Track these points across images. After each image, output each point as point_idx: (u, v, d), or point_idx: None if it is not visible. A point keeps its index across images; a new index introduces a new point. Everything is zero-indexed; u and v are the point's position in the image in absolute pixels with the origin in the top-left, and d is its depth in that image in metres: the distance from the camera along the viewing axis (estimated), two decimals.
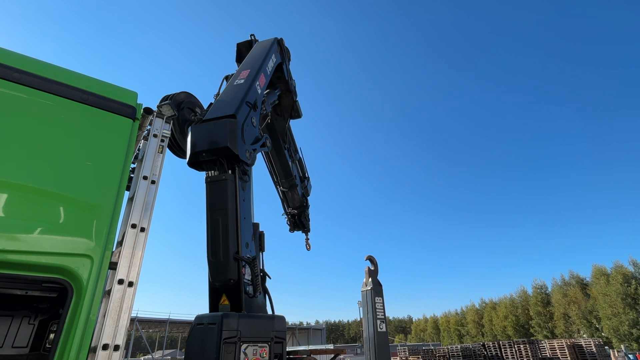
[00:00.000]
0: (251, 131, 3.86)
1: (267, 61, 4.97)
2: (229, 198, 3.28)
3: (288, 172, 6.75)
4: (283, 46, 5.60)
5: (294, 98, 5.91)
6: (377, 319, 5.12)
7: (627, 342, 43.58)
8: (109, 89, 2.30)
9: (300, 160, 7.67)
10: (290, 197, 7.82)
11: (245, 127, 3.71)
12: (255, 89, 4.24)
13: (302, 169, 7.94)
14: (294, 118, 6.31)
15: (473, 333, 71.21)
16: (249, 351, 2.56)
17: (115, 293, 1.90)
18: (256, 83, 4.34)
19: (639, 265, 47.28)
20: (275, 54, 5.30)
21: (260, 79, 4.53)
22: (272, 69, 5.05)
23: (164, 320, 43.16)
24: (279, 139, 6.21)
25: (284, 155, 6.42)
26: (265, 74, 4.75)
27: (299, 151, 7.76)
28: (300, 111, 6.24)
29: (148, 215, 2.25)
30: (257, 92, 4.30)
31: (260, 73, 4.58)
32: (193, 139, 3.53)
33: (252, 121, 3.89)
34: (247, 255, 3.21)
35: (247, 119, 3.82)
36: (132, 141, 2.26)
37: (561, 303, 54.96)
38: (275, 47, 5.44)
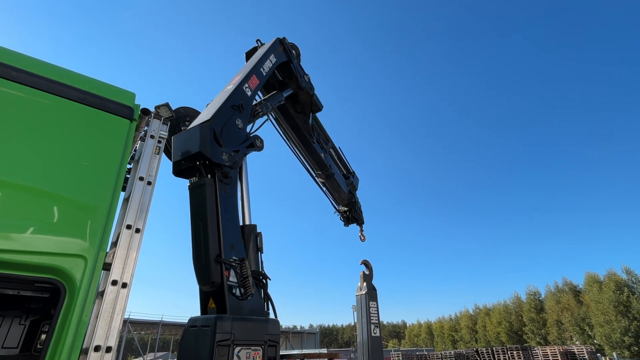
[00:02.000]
0: (235, 133, 3.92)
1: (262, 62, 4.97)
2: (207, 202, 3.34)
3: (321, 164, 6.79)
4: (286, 45, 5.58)
5: (310, 93, 5.91)
6: (371, 324, 5.12)
7: (619, 350, 43.79)
8: (107, 89, 2.30)
9: (340, 155, 7.80)
10: (337, 195, 7.89)
11: (226, 130, 3.79)
12: (242, 92, 4.29)
13: (344, 167, 8.08)
14: (315, 112, 6.34)
15: (467, 339, 71.19)
16: (242, 354, 2.55)
17: (109, 294, 1.89)
18: (244, 86, 4.37)
19: (632, 273, 47.61)
20: (275, 54, 5.28)
21: (251, 80, 4.54)
22: (269, 70, 5.03)
23: (156, 322, 42.72)
24: (305, 134, 6.28)
25: (314, 148, 6.49)
26: (259, 76, 4.76)
27: (340, 150, 7.90)
28: (320, 104, 6.27)
29: (143, 216, 2.24)
30: (246, 95, 4.33)
31: (252, 75, 4.61)
32: (173, 150, 3.69)
33: (236, 123, 3.95)
34: (232, 258, 3.22)
35: (228, 122, 3.87)
36: (128, 142, 2.26)
37: (554, 310, 55.18)
38: (277, 47, 5.42)
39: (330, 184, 7.28)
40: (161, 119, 2.66)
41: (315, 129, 6.63)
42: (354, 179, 8.32)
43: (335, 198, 7.98)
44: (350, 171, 8.26)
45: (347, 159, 8.08)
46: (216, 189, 3.44)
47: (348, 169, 8.21)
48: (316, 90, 6.14)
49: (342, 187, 7.63)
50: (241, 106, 4.14)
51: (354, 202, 8.28)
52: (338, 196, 7.93)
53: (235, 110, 4.06)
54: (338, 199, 8.05)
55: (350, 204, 8.23)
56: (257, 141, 4.15)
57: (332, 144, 7.48)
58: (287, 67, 5.61)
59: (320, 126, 6.90)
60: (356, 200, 8.42)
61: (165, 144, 2.64)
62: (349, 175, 8.18)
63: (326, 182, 7.16)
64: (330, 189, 7.54)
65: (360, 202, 8.75)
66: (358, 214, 8.56)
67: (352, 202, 8.23)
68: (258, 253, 3.83)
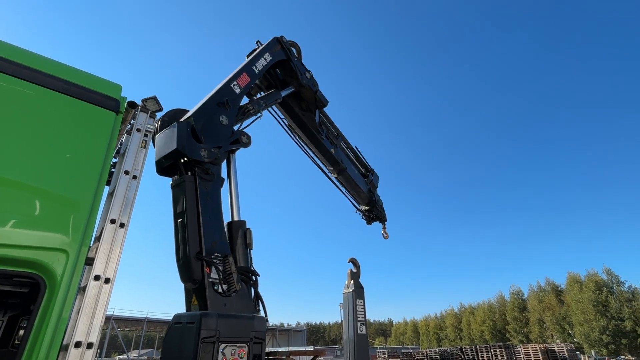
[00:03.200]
0: (218, 129, 3.91)
1: (256, 61, 4.95)
2: (187, 199, 3.34)
3: (332, 159, 6.73)
4: (284, 43, 5.55)
5: (314, 89, 5.87)
6: (357, 321, 5.15)
7: (597, 348, 45.14)
8: (92, 81, 2.25)
9: (357, 154, 7.76)
10: (356, 195, 7.81)
11: (208, 126, 3.80)
12: (229, 89, 4.29)
13: (362, 165, 8.03)
14: (320, 108, 6.30)
15: (451, 337, 72.34)
16: (227, 351, 2.53)
17: (91, 289, 1.85)
18: (232, 83, 4.38)
19: (612, 274, 49.07)
20: (271, 53, 5.25)
21: (241, 78, 4.54)
22: (263, 68, 5.01)
23: (141, 319, 42.20)
24: (313, 131, 6.27)
25: (322, 144, 6.45)
26: (251, 73, 4.74)
27: (357, 149, 7.87)
28: (324, 100, 6.22)
29: (128, 210, 2.20)
30: (233, 92, 4.33)
31: (242, 73, 4.61)
32: (156, 149, 3.70)
33: (220, 120, 3.95)
34: (214, 254, 3.21)
35: (211, 118, 3.88)
36: (114, 135, 2.22)
37: (537, 309, 56.53)
38: (273, 45, 5.39)
39: (345, 180, 7.21)
40: (148, 112, 2.61)
41: (324, 124, 6.61)
42: (374, 177, 8.24)
43: (354, 197, 7.89)
44: (369, 169, 8.19)
45: (365, 158, 8.04)
46: (196, 186, 3.42)
47: (367, 167, 8.16)
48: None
49: (360, 184, 7.56)
50: (227, 103, 4.12)
51: (375, 200, 8.20)
52: (357, 195, 7.85)
53: (220, 107, 4.06)
54: (358, 199, 7.96)
55: (370, 202, 8.17)
56: (242, 137, 4.13)
57: (343, 139, 7.41)
58: (287, 65, 5.59)
59: (329, 121, 6.87)
60: (377, 198, 8.34)
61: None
62: (367, 174, 8.11)
63: (340, 177, 7.08)
64: (348, 187, 7.46)
65: (381, 200, 8.68)
66: (380, 212, 8.48)
67: (373, 201, 8.17)
68: (247, 249, 3.81)
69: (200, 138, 3.67)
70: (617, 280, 48.49)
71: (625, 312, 44.50)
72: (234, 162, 4.31)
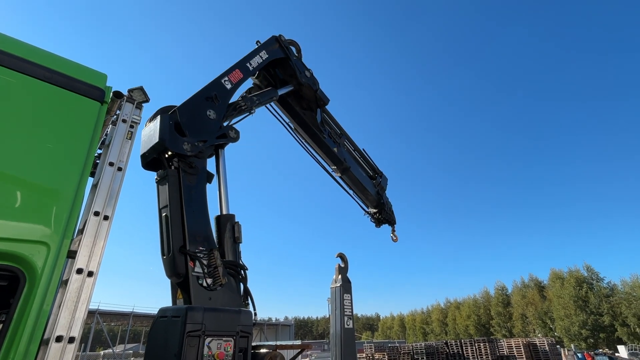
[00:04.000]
0: (205, 123, 3.90)
1: (251, 58, 4.94)
2: (170, 193, 3.33)
3: (335, 158, 6.67)
4: (283, 42, 5.51)
5: (314, 88, 5.83)
6: (344, 316, 5.20)
7: (576, 342, 46.64)
8: (76, 69, 2.19)
9: (365, 157, 7.72)
10: (364, 197, 7.74)
11: (193, 120, 3.79)
12: (219, 84, 4.29)
13: (370, 167, 7.98)
14: (321, 106, 6.25)
15: (437, 331, 73.65)
16: (213, 345, 2.52)
17: (73, 283, 1.81)
18: (223, 79, 4.37)
19: (592, 270, 50.64)
20: (268, 51, 5.23)
21: (233, 74, 4.53)
22: (258, 65, 4.99)
23: (127, 314, 41.73)
24: (315, 130, 6.21)
25: (324, 143, 6.39)
26: (244, 70, 4.72)
27: (364, 152, 7.82)
28: (325, 98, 6.19)
29: (113, 203, 2.16)
30: (224, 87, 4.33)
31: (235, 69, 4.61)
32: (141, 143, 3.70)
33: (207, 114, 3.94)
34: (198, 248, 3.20)
35: (198, 112, 3.87)
36: (98, 125, 2.17)
37: (520, 304, 57.97)
38: (271, 44, 5.37)
39: (350, 180, 7.13)
40: (134, 103, 2.56)
41: (326, 123, 6.56)
42: (382, 180, 8.22)
43: (362, 200, 7.84)
44: (378, 171, 8.15)
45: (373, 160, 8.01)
46: (180, 180, 3.41)
47: (375, 170, 8.12)
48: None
49: (366, 186, 7.50)
50: (215, 97, 4.11)
51: (383, 203, 8.17)
52: (365, 198, 7.80)
53: (208, 101, 4.04)
54: (365, 201, 7.92)
55: (379, 205, 8.12)
56: (230, 132, 4.11)
57: (348, 139, 7.37)
58: (287, 64, 5.55)
59: (332, 120, 6.82)
60: (385, 201, 8.31)
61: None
62: (375, 176, 8.07)
63: (344, 177, 7.02)
64: (354, 187, 7.37)
65: (390, 202, 8.64)
66: (389, 214, 8.44)
67: (381, 204, 8.13)
68: (235, 243, 3.79)
69: (185, 131, 3.65)
70: (597, 277, 50.12)
71: (604, 307, 45.99)
72: (222, 157, 4.29)
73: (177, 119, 3.70)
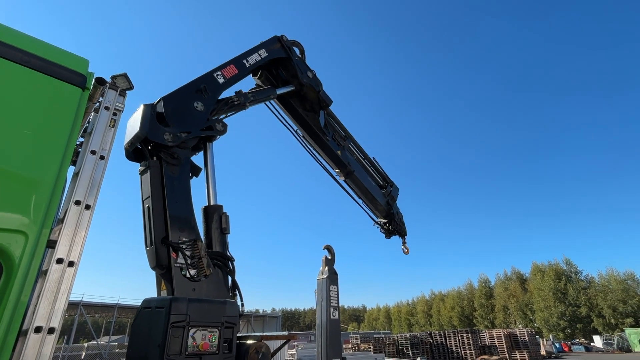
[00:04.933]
0: (191, 115, 3.85)
1: (248, 55, 4.90)
2: (151, 184, 3.31)
3: (339, 161, 6.55)
4: (285, 42, 5.44)
5: (317, 89, 5.74)
6: (330, 307, 5.26)
7: (555, 332, 48.36)
8: (57, 54, 2.11)
9: (375, 166, 7.68)
10: (374, 207, 7.62)
11: (180, 111, 3.75)
12: (211, 77, 4.26)
13: (381, 177, 7.87)
14: (324, 108, 6.15)
15: (422, 322, 75.23)
16: (198, 336, 2.52)
17: (53, 273, 1.77)
18: (216, 73, 4.34)
19: (571, 264, 52.43)
20: (268, 49, 5.17)
21: (227, 69, 4.51)
22: (255, 63, 4.94)
23: (112, 305, 41.21)
24: (317, 132, 6.11)
25: (328, 146, 6.28)
26: (240, 66, 4.68)
27: (375, 160, 7.71)
28: (328, 99, 6.08)
29: (95, 192, 2.11)
30: (215, 81, 4.29)
31: (230, 64, 4.58)
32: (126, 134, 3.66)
33: (195, 105, 3.91)
34: (181, 239, 3.18)
35: (184, 103, 3.83)
36: (79, 112, 2.10)
37: (502, 296, 59.63)
38: (272, 43, 5.32)
39: (355, 184, 7.00)
40: (117, 90, 2.50)
41: (330, 125, 6.47)
42: (393, 189, 8.07)
43: (372, 210, 7.72)
44: (388, 181, 8.04)
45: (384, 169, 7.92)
46: (161, 170, 3.37)
47: (385, 179, 8.01)
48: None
49: (376, 195, 7.41)
50: (204, 90, 4.06)
51: (393, 213, 8.01)
52: (374, 207, 7.68)
53: (197, 93, 4.00)
54: (375, 211, 7.79)
55: (389, 215, 7.96)
56: (217, 125, 4.06)
57: (358, 147, 7.31)
58: (289, 65, 5.48)
59: (337, 122, 6.73)
60: (396, 211, 8.16)
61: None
62: (385, 185, 7.95)
63: (348, 181, 6.90)
64: (360, 194, 7.24)
65: (401, 213, 8.46)
66: (399, 225, 8.24)
67: (391, 214, 7.97)
68: (223, 234, 3.77)
69: (168, 122, 3.60)
70: (575, 270, 51.90)
71: (582, 299, 47.72)
72: (211, 151, 4.25)
73: (162, 108, 3.63)
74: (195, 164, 4.04)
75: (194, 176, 3.96)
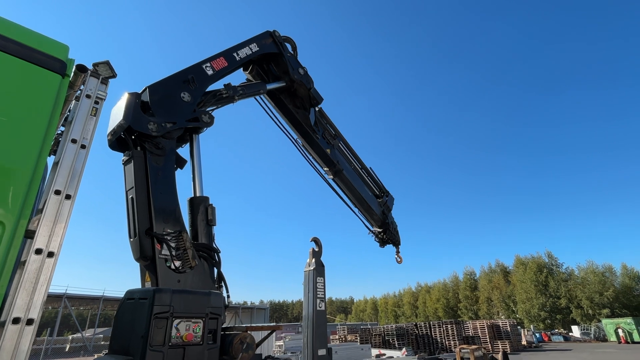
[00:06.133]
0: (178, 105, 3.80)
1: (239, 48, 4.84)
2: (135, 174, 3.26)
3: (328, 160, 6.56)
4: (277, 37, 5.40)
5: (308, 86, 5.72)
6: (317, 298, 5.31)
7: (535, 323, 49.92)
8: (35, 39, 2.05)
9: (372, 175, 7.82)
10: (369, 216, 7.70)
11: (165, 101, 3.69)
12: (199, 69, 4.20)
13: (377, 186, 7.97)
14: (314, 105, 6.13)
15: (408, 314, 76.55)
16: (182, 326, 2.51)
17: (32, 263, 1.74)
18: (205, 64, 4.29)
19: (553, 257, 54.00)
20: (259, 44, 5.12)
21: (217, 61, 4.45)
22: (245, 56, 4.89)
23: (97, 297, 40.73)
24: (307, 130, 6.10)
25: (317, 144, 6.28)
26: (229, 59, 4.64)
27: (371, 170, 7.82)
28: (319, 97, 6.07)
29: (75, 181, 2.07)
30: (204, 72, 4.24)
31: (219, 56, 4.53)
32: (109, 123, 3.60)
33: (182, 96, 3.86)
34: (165, 230, 3.15)
35: (171, 93, 3.78)
36: (59, 100, 2.05)
37: (486, 288, 61.05)
38: (264, 37, 5.26)
39: (344, 184, 7.03)
40: (99, 78, 2.44)
41: (320, 123, 6.47)
42: (388, 199, 8.19)
43: (367, 219, 7.82)
44: (384, 191, 8.14)
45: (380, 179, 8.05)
46: (145, 160, 3.32)
47: (381, 189, 8.10)
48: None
49: (371, 204, 7.51)
50: (192, 80, 4.00)
51: (388, 223, 8.13)
52: (370, 217, 7.78)
53: (185, 84, 3.94)
54: (370, 220, 7.89)
55: (384, 224, 8.08)
56: (203, 116, 4.01)
57: (354, 155, 7.37)
58: (280, 61, 5.44)
59: (327, 121, 6.73)
60: (390, 221, 8.29)
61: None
62: (381, 195, 8.05)
63: (336, 180, 6.92)
64: (351, 196, 7.27)
65: (396, 223, 8.61)
66: (393, 235, 8.39)
67: (386, 223, 8.09)
68: (209, 226, 3.75)
69: (153, 111, 3.53)
70: (556, 263, 53.50)
71: (562, 291, 49.23)
72: (197, 142, 4.20)
73: (147, 97, 3.56)
74: (180, 156, 3.99)
75: (178, 168, 3.91)
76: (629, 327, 36.05)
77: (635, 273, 48.17)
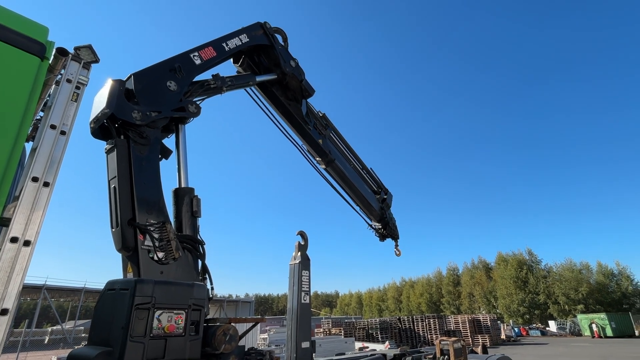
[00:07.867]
0: (163, 94, 3.73)
1: (229, 38, 4.76)
2: (118, 163, 3.18)
3: (320, 150, 6.58)
4: (267, 29, 5.30)
5: (299, 78, 5.66)
6: (302, 291, 5.32)
7: (515, 318, 51.44)
8: (12, 18, 1.96)
9: (371, 174, 8.06)
10: (368, 212, 7.89)
11: (151, 89, 3.62)
12: (186, 58, 4.12)
13: (375, 183, 8.21)
14: (306, 97, 6.11)
15: (392, 308, 77.77)
16: (163, 318, 2.48)
17: (6, 252, 1.69)
18: (193, 53, 4.21)
19: (533, 254, 55.64)
20: (249, 35, 5.03)
21: (205, 51, 4.37)
22: (235, 47, 4.81)
23: (78, 289, 39.89)
24: (300, 122, 6.10)
25: (309, 135, 6.30)
26: (218, 49, 4.55)
27: (371, 170, 8.03)
28: (311, 89, 6.04)
29: (55, 169, 2.01)
30: (191, 61, 4.16)
31: (208, 46, 4.45)
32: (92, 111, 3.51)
33: (168, 85, 3.78)
34: (148, 221, 3.10)
35: (157, 81, 3.71)
36: (38, 83, 1.98)
37: (468, 284, 62.51)
38: (254, 29, 5.17)
39: (337, 174, 7.08)
40: (81, 62, 2.36)
41: (312, 114, 6.49)
42: (387, 197, 8.48)
43: (367, 214, 8.04)
44: (383, 188, 8.39)
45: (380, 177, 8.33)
46: (129, 149, 3.24)
47: (380, 186, 8.34)
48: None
49: (370, 200, 7.70)
50: (179, 69, 3.91)
51: (387, 218, 8.43)
52: (369, 212, 8.00)
53: (171, 72, 3.85)
54: (369, 215, 8.12)
55: (382, 220, 8.39)
56: (190, 106, 3.94)
57: (353, 154, 7.53)
58: (271, 53, 5.36)
59: (314, 115, 6.74)
60: (389, 216, 8.59)
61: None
62: (379, 191, 8.28)
63: (329, 169, 6.96)
64: (346, 187, 7.33)
65: (394, 219, 8.92)
66: (392, 230, 8.74)
67: (385, 219, 8.37)
68: (194, 217, 3.70)
69: (138, 99, 3.45)
70: (536, 260, 55.13)
71: (541, 287, 50.80)
72: (183, 133, 4.12)
73: (131, 85, 3.47)
74: (165, 146, 3.92)
75: (163, 158, 3.84)
76: (602, 323, 37.55)
77: (610, 270, 50.02)
